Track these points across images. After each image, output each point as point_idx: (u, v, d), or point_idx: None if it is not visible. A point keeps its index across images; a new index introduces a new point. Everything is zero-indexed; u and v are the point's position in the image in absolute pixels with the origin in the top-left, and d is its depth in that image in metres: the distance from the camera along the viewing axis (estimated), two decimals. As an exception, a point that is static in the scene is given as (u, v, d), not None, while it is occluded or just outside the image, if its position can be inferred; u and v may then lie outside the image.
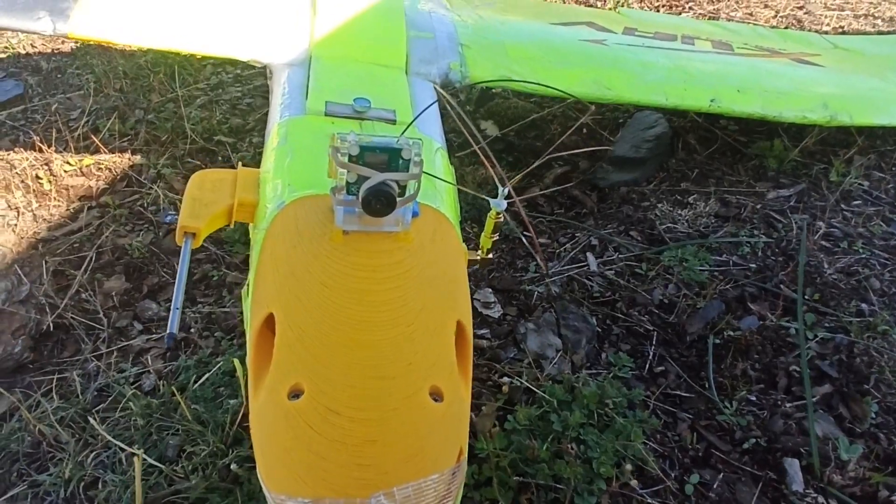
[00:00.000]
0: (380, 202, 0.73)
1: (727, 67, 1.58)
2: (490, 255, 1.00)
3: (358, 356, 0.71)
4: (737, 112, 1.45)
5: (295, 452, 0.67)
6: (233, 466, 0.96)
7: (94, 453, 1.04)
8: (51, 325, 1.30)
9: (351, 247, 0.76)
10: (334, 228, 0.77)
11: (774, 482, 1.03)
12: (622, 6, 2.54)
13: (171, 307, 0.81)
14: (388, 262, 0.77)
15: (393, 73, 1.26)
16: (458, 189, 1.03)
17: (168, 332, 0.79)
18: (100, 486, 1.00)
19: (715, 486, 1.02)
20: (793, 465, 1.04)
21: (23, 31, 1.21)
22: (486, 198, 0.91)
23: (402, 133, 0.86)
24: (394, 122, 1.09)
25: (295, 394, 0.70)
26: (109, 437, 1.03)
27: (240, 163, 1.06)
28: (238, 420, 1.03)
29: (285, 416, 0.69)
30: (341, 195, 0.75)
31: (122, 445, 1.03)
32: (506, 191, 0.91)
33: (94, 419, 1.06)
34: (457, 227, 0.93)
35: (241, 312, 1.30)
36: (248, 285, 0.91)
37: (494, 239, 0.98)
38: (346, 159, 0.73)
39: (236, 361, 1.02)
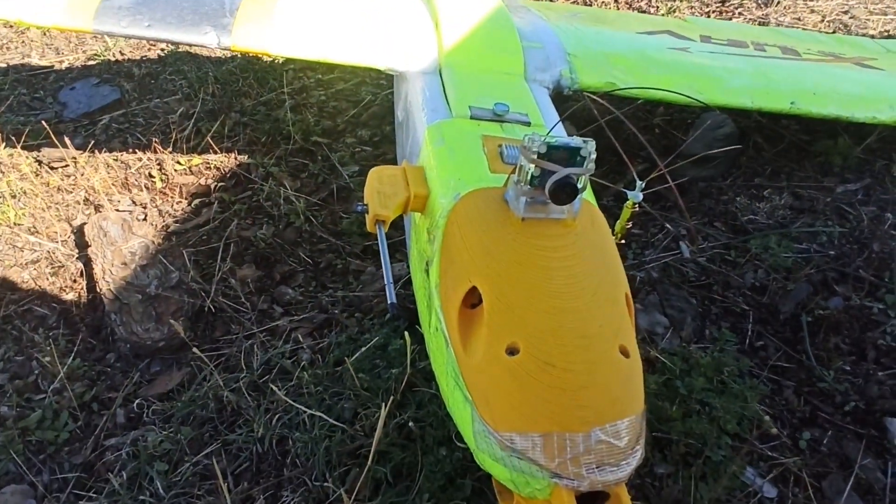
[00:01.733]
0: (566, 192, 0.87)
1: (800, 72, 1.71)
2: (623, 241, 1.14)
3: (561, 320, 0.85)
4: (814, 113, 1.59)
5: (522, 397, 0.81)
6: (410, 424, 1.10)
7: (276, 416, 1.18)
8: (210, 307, 1.44)
9: (530, 231, 0.90)
10: (513, 216, 0.91)
11: (877, 438, 1.17)
12: (673, 13, 2.68)
13: (385, 282, 0.97)
14: (563, 244, 0.91)
15: (515, 80, 1.40)
16: (597, 181, 1.17)
17: (389, 301, 0.94)
18: (289, 442, 1.14)
19: (825, 441, 1.16)
20: (893, 423, 1.17)
21: (192, 45, 1.35)
22: (625, 190, 1.06)
23: (547, 134, 1.02)
24: (528, 124, 1.23)
25: (511, 351, 0.84)
26: (290, 402, 1.17)
27: (405, 161, 1.20)
28: (402, 386, 1.17)
29: (508, 369, 0.82)
30: (524, 187, 0.89)
31: (303, 408, 1.17)
32: (642, 184, 1.06)
33: (276, 387, 1.20)
34: (595, 204, 1.07)
35: (382, 296, 1.43)
36: (427, 263, 1.05)
37: (629, 227, 1.13)
38: (535, 156, 0.87)
39: (406, 335, 1.15)
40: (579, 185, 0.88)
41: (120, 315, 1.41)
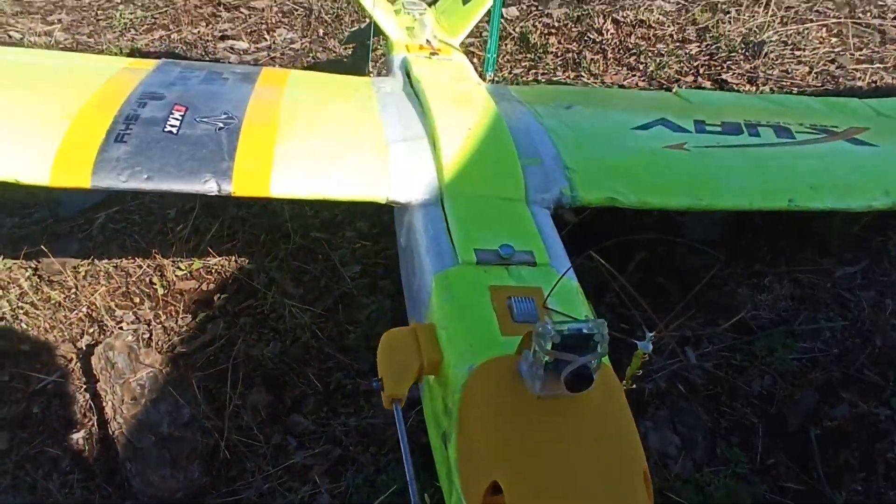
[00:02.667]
0: (582, 382, 0.88)
1: (796, 161, 1.72)
2: (633, 386, 1.15)
3: None
4: (812, 208, 1.60)
5: None
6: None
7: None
8: (224, 450, 1.44)
9: (547, 409, 0.92)
10: (528, 393, 0.92)
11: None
12: (662, 68, 2.68)
13: (407, 478, 0.97)
14: (581, 423, 0.92)
15: (517, 206, 1.40)
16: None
17: None
18: None
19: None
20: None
21: (191, 193, 1.34)
22: (635, 341, 1.07)
23: (551, 289, 1.05)
24: (534, 263, 1.24)
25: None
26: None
27: (413, 320, 1.20)
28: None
29: None
30: (539, 370, 0.90)
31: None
32: (652, 335, 1.07)
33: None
34: (609, 364, 1.08)
35: (395, 427, 1.43)
36: (444, 435, 1.05)
37: (638, 374, 1.14)
38: (549, 346, 0.88)
39: (427, 498, 1.16)
40: (594, 371, 0.89)
41: (134, 463, 1.41)
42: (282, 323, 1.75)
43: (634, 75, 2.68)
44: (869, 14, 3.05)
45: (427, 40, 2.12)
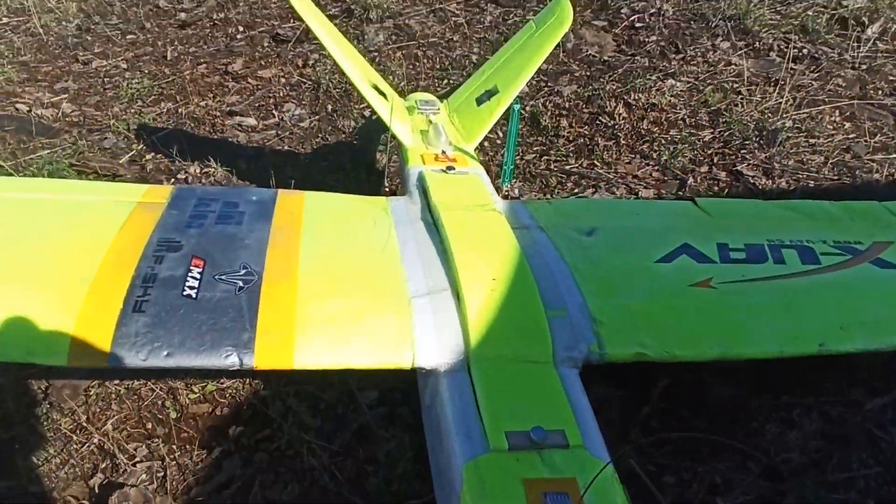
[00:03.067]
0: None
1: (824, 295, 1.69)
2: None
3: None
4: (843, 351, 1.57)
5: None
6: None
7: None
8: None
9: None
10: None
11: None
12: (675, 157, 2.66)
13: None
14: None
15: (545, 371, 1.37)
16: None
17: None
18: None
19: None
20: None
21: (213, 368, 1.31)
22: None
23: (587, 486, 1.05)
24: (566, 445, 1.21)
25: None
26: None
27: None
28: None
29: None
30: None
31: None
32: None
33: None
34: None
35: None
36: None
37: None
38: None
39: None
40: None
41: None
42: (299, 461, 1.71)
43: (648, 164, 2.66)
44: (881, 92, 3.03)
45: (443, 150, 2.09)
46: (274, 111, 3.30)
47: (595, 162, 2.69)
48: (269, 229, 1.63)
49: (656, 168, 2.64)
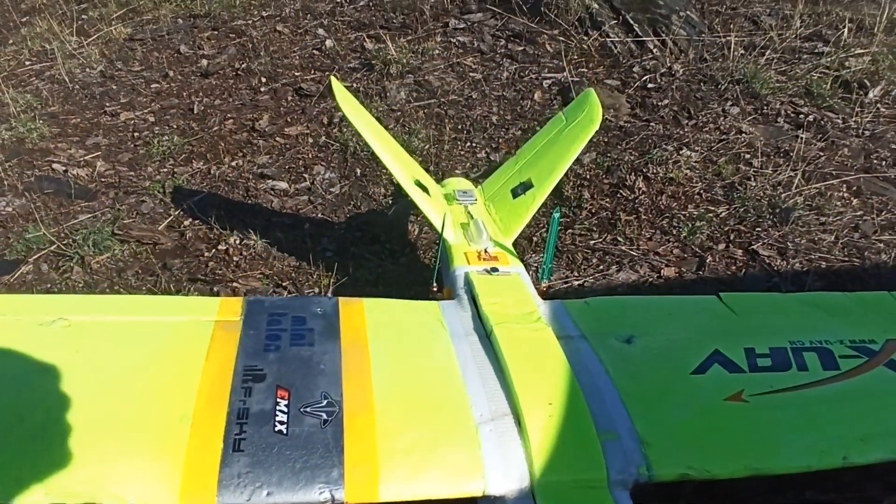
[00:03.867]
0: None
1: (845, 406, 1.85)
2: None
3: None
4: (865, 462, 1.73)
5: None
6: None
7: None
8: None
9: None
10: None
11: None
12: (694, 234, 2.82)
13: None
14: None
15: (601, 496, 1.51)
16: None
17: None
18: None
19: None
20: None
21: (306, 504, 1.44)
22: None
23: None
24: (627, 575, 1.36)
25: None
26: None
27: None
28: None
29: None
30: None
31: None
32: None
33: None
34: None
35: None
36: None
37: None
38: None
39: None
40: None
41: None
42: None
43: (668, 240, 2.81)
44: (885, 162, 3.20)
45: (485, 248, 2.23)
46: (304, 174, 3.42)
47: (618, 237, 2.84)
48: (339, 350, 1.76)
49: (676, 245, 2.79)
